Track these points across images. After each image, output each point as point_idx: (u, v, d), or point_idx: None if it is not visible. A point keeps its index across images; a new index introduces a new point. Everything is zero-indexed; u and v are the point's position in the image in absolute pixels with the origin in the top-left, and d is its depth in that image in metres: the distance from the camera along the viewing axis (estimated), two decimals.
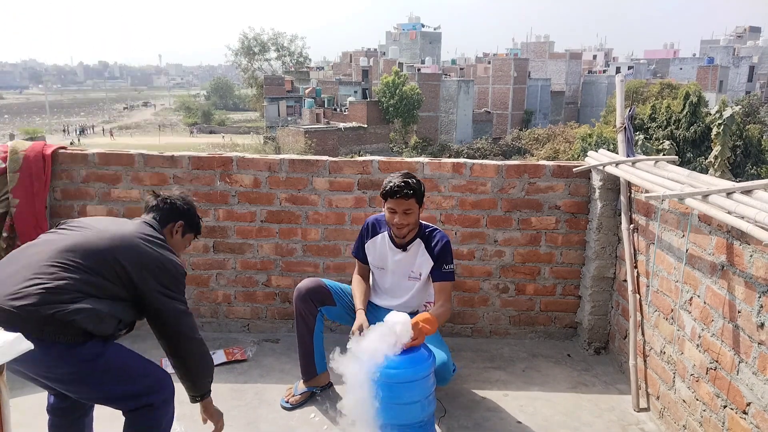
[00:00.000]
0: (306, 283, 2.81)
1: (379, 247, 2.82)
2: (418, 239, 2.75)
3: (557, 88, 57.28)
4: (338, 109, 47.44)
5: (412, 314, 2.62)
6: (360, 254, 2.89)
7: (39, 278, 1.81)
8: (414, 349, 2.41)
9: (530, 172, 3.38)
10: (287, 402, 2.81)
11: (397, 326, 2.39)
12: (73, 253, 1.88)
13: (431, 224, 2.83)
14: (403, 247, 2.75)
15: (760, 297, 1.98)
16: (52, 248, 1.90)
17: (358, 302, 2.75)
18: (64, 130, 56.24)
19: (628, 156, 2.96)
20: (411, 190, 2.56)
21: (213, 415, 2.21)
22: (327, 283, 2.85)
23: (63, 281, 1.82)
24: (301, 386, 2.87)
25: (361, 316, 2.65)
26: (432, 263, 2.73)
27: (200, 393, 2.14)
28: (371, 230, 2.85)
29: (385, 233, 2.79)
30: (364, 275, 2.91)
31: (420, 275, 2.77)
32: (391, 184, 2.58)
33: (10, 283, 1.81)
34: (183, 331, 2.03)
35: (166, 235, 2.20)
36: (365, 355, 2.35)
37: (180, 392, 2.86)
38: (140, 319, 2.05)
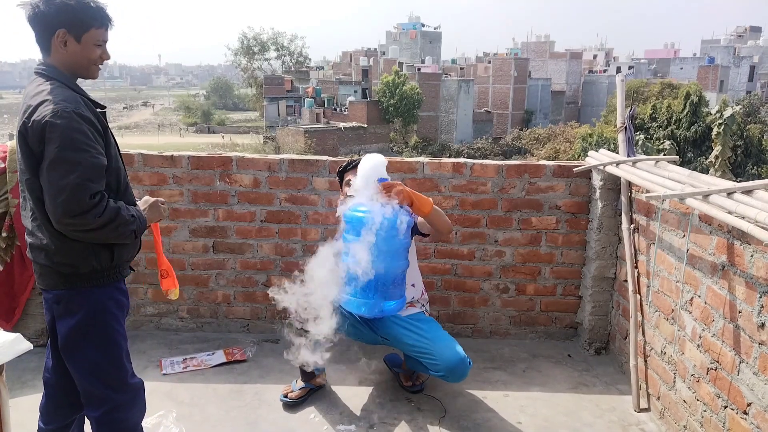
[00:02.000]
0: None
1: None
2: None
3: (558, 88, 57.26)
4: (338, 109, 47.43)
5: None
6: None
7: None
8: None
9: (531, 172, 3.37)
10: (286, 397, 2.81)
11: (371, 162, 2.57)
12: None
13: None
14: None
15: (760, 297, 1.97)
16: None
17: None
18: None
19: (628, 156, 2.95)
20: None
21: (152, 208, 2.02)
22: None
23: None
24: (299, 383, 2.87)
25: None
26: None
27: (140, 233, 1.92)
28: None
29: None
30: None
31: None
32: (345, 162, 2.92)
33: None
34: (62, 211, 1.68)
35: (58, 55, 1.80)
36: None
37: (179, 393, 2.87)
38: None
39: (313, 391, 2.89)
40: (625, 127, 2.99)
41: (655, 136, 24.26)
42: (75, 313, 1.86)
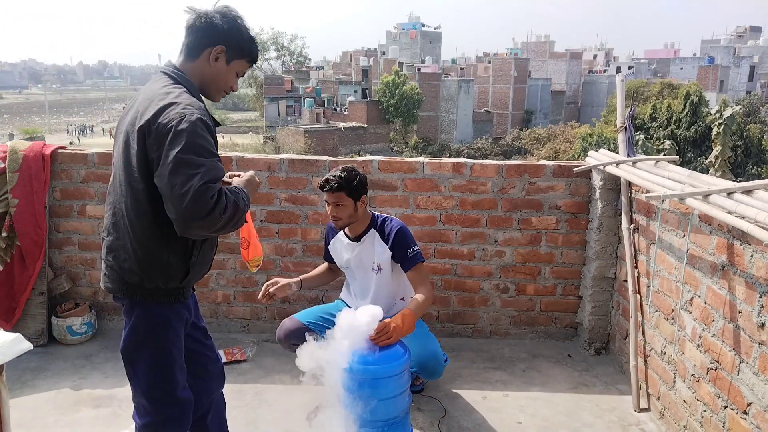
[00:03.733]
0: (286, 326, 2.84)
1: (338, 245, 2.89)
2: (372, 230, 2.78)
3: (558, 88, 57.24)
4: (338, 109, 47.44)
5: (389, 312, 2.69)
6: (328, 257, 3.03)
7: None
8: (389, 347, 2.42)
9: (531, 172, 3.37)
10: None
11: (363, 322, 2.40)
12: None
13: (385, 215, 2.86)
14: (357, 239, 2.79)
15: (760, 297, 1.97)
16: None
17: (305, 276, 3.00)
18: (67, 130, 56.15)
19: (628, 156, 2.95)
20: (337, 184, 2.61)
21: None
22: (305, 321, 2.83)
23: None
24: None
25: (285, 280, 2.87)
26: (390, 253, 2.74)
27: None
28: (331, 232, 2.94)
29: (342, 231, 2.85)
30: (329, 266, 3.09)
31: (380, 267, 2.76)
32: (324, 178, 2.66)
33: None
34: (191, 215, 1.62)
35: (202, 65, 1.83)
36: (334, 353, 2.35)
37: None
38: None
39: None
40: (625, 127, 2.99)
41: (655, 136, 24.26)
42: (133, 323, 1.83)
